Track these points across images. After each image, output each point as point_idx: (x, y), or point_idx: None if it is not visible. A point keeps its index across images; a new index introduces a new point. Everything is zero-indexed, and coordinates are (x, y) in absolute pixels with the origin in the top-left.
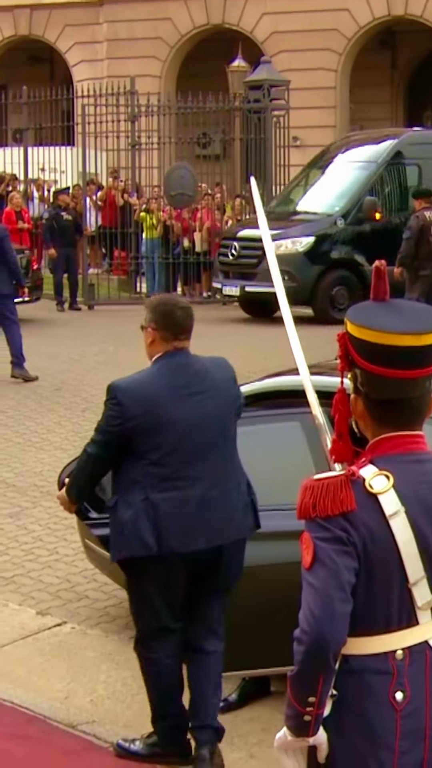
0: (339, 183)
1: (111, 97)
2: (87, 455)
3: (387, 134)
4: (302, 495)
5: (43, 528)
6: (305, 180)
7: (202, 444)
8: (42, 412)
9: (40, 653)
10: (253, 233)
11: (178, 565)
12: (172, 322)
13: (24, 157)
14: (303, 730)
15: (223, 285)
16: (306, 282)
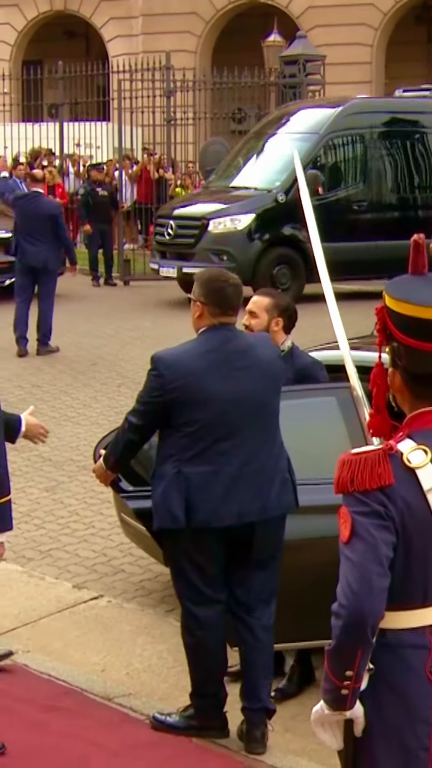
0: (280, 156)
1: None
2: (127, 423)
3: (330, 102)
4: (340, 469)
5: (80, 502)
6: (246, 153)
7: (239, 419)
8: (78, 387)
9: (76, 626)
10: (189, 211)
11: (209, 539)
12: (222, 298)
13: (59, 132)
14: (340, 703)
15: (160, 266)
16: (246, 261)
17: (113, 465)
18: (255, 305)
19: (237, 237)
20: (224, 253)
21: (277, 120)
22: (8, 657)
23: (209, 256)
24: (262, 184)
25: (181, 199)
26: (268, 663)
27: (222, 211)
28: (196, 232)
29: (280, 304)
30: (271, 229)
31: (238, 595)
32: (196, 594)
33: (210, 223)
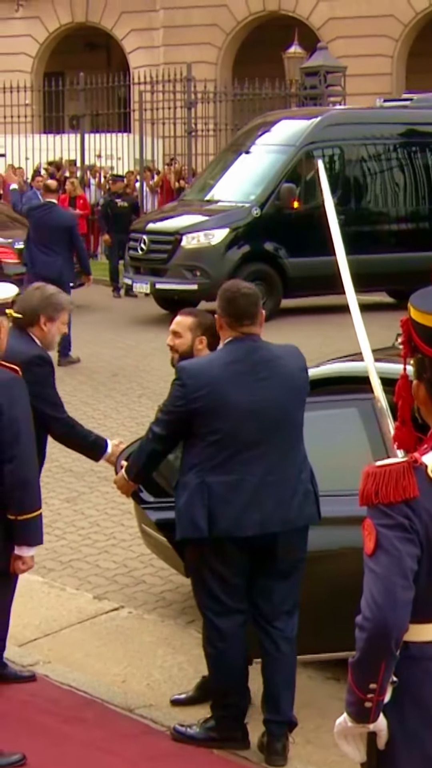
0: (255, 169)
1: (167, 84)
2: (151, 433)
3: (306, 114)
4: (364, 481)
5: (100, 513)
6: (222, 166)
7: (261, 430)
8: (98, 398)
9: (97, 637)
10: (162, 226)
11: (231, 549)
12: (235, 308)
13: (81, 143)
14: (363, 716)
15: (133, 282)
16: (220, 278)
17: (136, 475)
18: (178, 325)
19: (210, 252)
20: (197, 269)
21: (254, 131)
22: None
23: (182, 272)
24: (237, 198)
25: (154, 214)
26: (290, 675)
27: (195, 225)
28: (168, 247)
29: (203, 322)
30: (246, 244)
31: (261, 606)
32: (217, 605)
33: (183, 238)
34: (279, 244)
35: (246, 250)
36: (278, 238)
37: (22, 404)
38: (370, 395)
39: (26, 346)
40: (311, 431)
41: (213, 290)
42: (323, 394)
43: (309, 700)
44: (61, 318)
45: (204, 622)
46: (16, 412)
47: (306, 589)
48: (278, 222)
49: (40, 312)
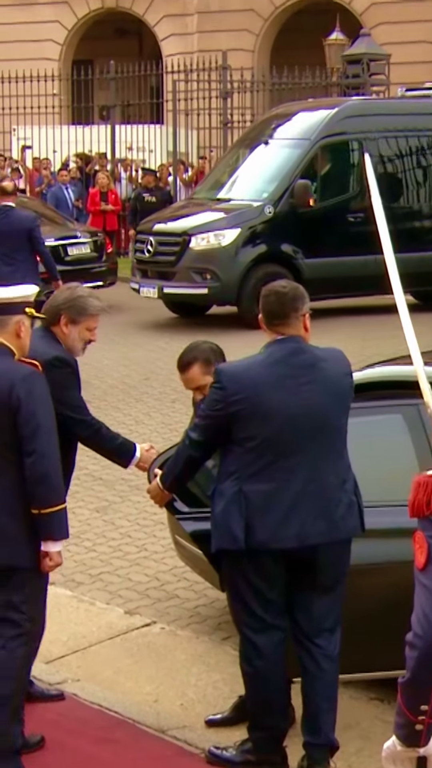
0: (268, 164)
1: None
2: (188, 439)
3: (323, 105)
4: (415, 491)
5: (132, 524)
6: (234, 161)
7: (302, 436)
8: (130, 403)
9: (128, 654)
10: (170, 227)
11: (269, 562)
12: (265, 308)
13: (111, 135)
14: (414, 739)
15: (140, 286)
16: (231, 281)
17: (171, 484)
18: (191, 381)
19: (221, 254)
20: (207, 271)
21: (268, 124)
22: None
23: (191, 276)
24: (250, 196)
25: (162, 214)
26: (332, 695)
27: (205, 226)
28: (177, 249)
29: (209, 357)
30: (259, 245)
31: (300, 622)
32: (255, 620)
33: (192, 239)
34: (294, 245)
35: (259, 251)
36: (293, 238)
37: (41, 398)
38: (417, 400)
39: (46, 347)
40: (354, 438)
41: (224, 294)
42: (366, 400)
43: (351, 722)
44: (85, 323)
45: (240, 639)
46: (34, 406)
47: (349, 604)
48: (293, 221)
49: (62, 311)
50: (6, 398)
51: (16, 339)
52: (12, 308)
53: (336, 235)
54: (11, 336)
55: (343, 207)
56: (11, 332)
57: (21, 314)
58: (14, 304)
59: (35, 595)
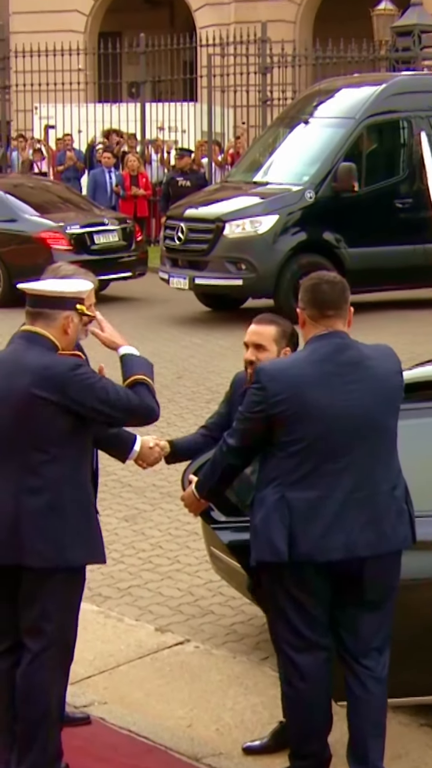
0: (309, 145)
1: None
2: (226, 445)
3: (369, 80)
4: None
5: (163, 534)
6: (272, 142)
7: (350, 439)
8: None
9: (159, 675)
10: (203, 212)
11: (313, 575)
12: (316, 298)
13: (141, 114)
14: None
15: (170, 276)
16: (268, 272)
17: (208, 492)
18: (260, 336)
19: (257, 242)
20: (242, 261)
21: (309, 102)
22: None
23: (225, 265)
24: (289, 180)
25: (194, 198)
26: (380, 721)
27: (240, 212)
28: (209, 236)
29: (287, 331)
30: (299, 233)
31: (346, 641)
32: (297, 639)
33: (226, 226)
34: (336, 233)
35: (298, 239)
36: (335, 225)
37: (91, 382)
38: None
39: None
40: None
41: (260, 286)
42: (417, 401)
43: (401, 750)
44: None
45: (281, 659)
46: (89, 390)
47: (398, 621)
48: (335, 207)
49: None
50: (54, 394)
51: (63, 335)
52: (63, 303)
53: (382, 222)
54: (58, 332)
55: (391, 192)
56: (59, 327)
57: (71, 310)
58: (66, 299)
59: (72, 603)
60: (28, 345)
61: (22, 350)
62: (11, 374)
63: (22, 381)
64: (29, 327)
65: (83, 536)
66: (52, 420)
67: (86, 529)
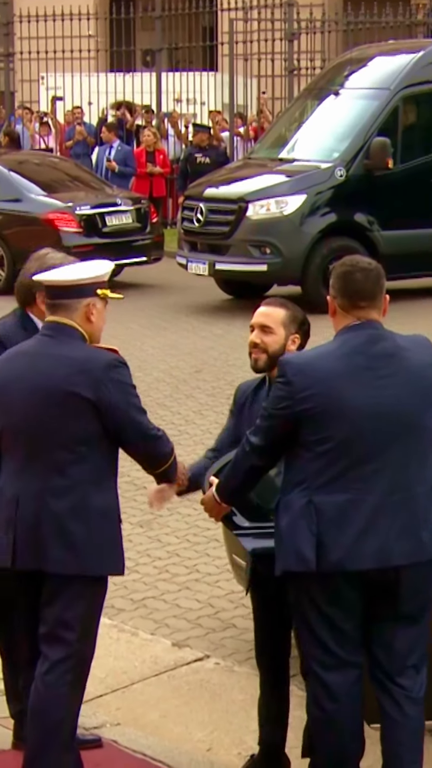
0: (339, 119)
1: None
2: (248, 445)
3: (405, 48)
4: None
5: (181, 540)
6: (299, 115)
7: (383, 438)
8: (179, 399)
9: (176, 694)
10: (224, 192)
11: (344, 586)
12: (349, 287)
13: (157, 84)
14: None
15: (188, 261)
16: (295, 256)
17: (230, 496)
18: (268, 318)
19: (283, 225)
20: (267, 245)
21: (339, 71)
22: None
23: (248, 249)
24: (318, 156)
25: (214, 176)
26: (416, 745)
27: (265, 191)
28: (231, 218)
29: (298, 316)
30: (328, 214)
31: (379, 658)
32: (326, 655)
33: (249, 206)
34: (369, 214)
35: (327, 221)
36: (368, 206)
37: (126, 386)
38: None
39: (22, 333)
40: None
41: (286, 272)
42: None
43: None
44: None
45: (309, 677)
46: (122, 395)
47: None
48: (368, 186)
49: (36, 289)
50: (89, 390)
51: (87, 323)
52: (82, 290)
53: (419, 202)
54: (82, 320)
55: (428, 169)
56: (81, 316)
57: (92, 296)
58: (85, 286)
59: (94, 613)
60: (58, 336)
61: (52, 342)
62: (43, 367)
63: (56, 374)
64: (53, 317)
65: (105, 544)
66: (84, 417)
67: (109, 537)
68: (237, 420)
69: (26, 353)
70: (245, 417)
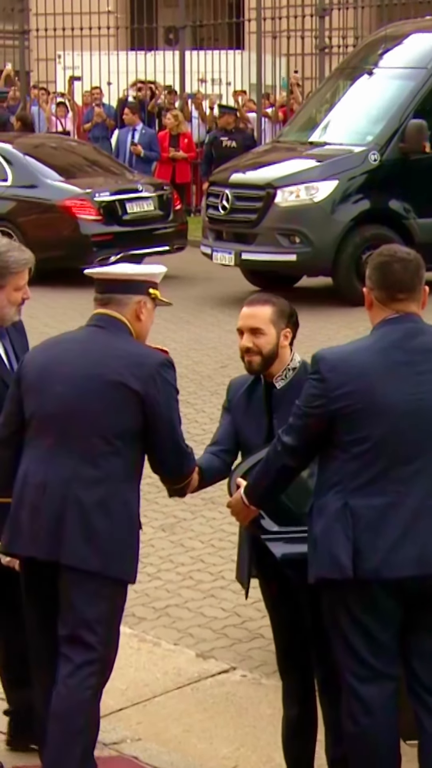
0: (373, 100)
1: None
2: (280, 444)
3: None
4: None
5: (205, 545)
6: (330, 96)
7: (422, 437)
8: (203, 396)
9: (200, 708)
10: (251, 177)
11: (381, 594)
12: (386, 278)
13: (180, 63)
14: None
15: (213, 250)
16: (326, 245)
17: (260, 498)
18: (255, 319)
19: (314, 212)
20: (296, 234)
21: (372, 50)
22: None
23: (276, 238)
24: (350, 140)
25: (240, 161)
26: None
27: (294, 176)
28: (258, 205)
29: (285, 310)
30: (361, 201)
31: (418, 671)
32: (362, 667)
33: (277, 193)
34: (404, 201)
35: (360, 208)
36: (403, 192)
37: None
38: None
39: None
40: None
41: (317, 262)
42: None
43: None
44: (11, 284)
45: (343, 691)
46: (166, 398)
47: None
48: (403, 171)
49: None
50: (139, 384)
51: (136, 321)
52: (135, 287)
53: None
54: (132, 317)
55: None
56: (131, 313)
57: (144, 295)
58: (137, 282)
59: (114, 616)
60: (108, 328)
61: (103, 333)
62: (93, 355)
63: (107, 363)
64: (102, 310)
65: (123, 545)
66: (127, 410)
67: (128, 539)
68: (232, 416)
69: (74, 340)
70: (241, 420)
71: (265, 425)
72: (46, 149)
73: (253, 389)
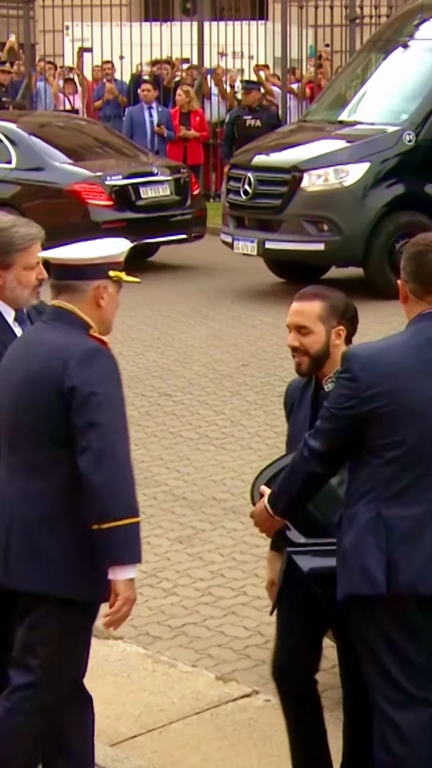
0: (408, 75)
1: None
2: (307, 449)
3: None
4: None
5: (226, 559)
6: (362, 72)
7: None
8: (224, 397)
9: (220, 734)
10: (276, 159)
11: (416, 612)
12: (423, 269)
13: (198, 36)
14: None
15: (234, 238)
16: (356, 233)
17: (285, 508)
18: (302, 316)
19: (343, 197)
20: (325, 220)
21: (407, 21)
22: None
23: (303, 225)
24: (383, 119)
25: (264, 142)
26: None
27: (322, 158)
28: (283, 190)
29: (338, 305)
30: (395, 185)
31: None
32: (396, 692)
33: (304, 176)
34: None
35: (394, 193)
36: None
37: (103, 382)
38: None
39: None
40: None
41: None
42: None
43: None
44: (20, 261)
45: (376, 717)
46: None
47: None
48: None
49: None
50: (58, 380)
51: (96, 309)
52: (92, 271)
53: None
54: (89, 305)
55: None
56: (88, 300)
57: (104, 278)
58: (95, 266)
59: (65, 637)
60: (51, 323)
61: (47, 329)
62: (32, 357)
63: (47, 366)
64: (55, 302)
65: (71, 561)
66: (57, 414)
67: (79, 553)
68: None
69: (24, 343)
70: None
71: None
72: (53, 129)
73: (305, 391)
